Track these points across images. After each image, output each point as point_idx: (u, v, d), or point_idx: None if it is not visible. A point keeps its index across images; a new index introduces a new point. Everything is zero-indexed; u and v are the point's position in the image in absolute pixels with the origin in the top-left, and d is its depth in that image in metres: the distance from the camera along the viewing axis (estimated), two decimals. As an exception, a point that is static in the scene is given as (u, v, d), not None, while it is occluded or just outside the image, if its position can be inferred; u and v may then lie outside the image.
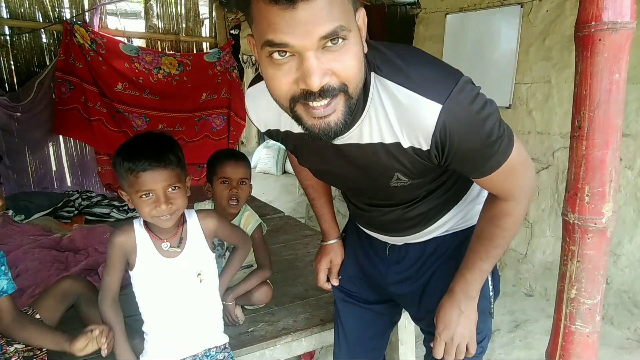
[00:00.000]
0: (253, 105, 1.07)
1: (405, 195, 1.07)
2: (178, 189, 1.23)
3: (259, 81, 1.03)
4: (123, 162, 1.18)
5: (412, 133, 0.87)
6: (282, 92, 0.78)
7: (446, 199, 1.12)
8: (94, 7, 3.68)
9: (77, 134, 3.66)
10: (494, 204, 1.03)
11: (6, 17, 3.44)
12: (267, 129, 1.10)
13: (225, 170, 1.68)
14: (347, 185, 1.14)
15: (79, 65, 3.52)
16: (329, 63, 0.73)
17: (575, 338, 0.90)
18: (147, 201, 1.19)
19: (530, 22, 2.92)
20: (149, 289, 1.29)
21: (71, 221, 3.04)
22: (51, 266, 2.14)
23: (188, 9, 4.21)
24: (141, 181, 1.17)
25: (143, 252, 1.27)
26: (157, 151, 1.20)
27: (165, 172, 1.19)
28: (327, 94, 0.75)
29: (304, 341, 1.73)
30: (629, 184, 2.56)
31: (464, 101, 0.82)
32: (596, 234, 0.85)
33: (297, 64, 0.73)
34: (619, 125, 0.81)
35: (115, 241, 1.27)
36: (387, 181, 0.99)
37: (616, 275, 2.63)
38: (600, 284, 0.88)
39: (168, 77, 3.93)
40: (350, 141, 0.93)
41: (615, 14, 0.76)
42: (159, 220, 1.22)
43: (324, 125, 0.78)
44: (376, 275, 1.32)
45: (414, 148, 0.89)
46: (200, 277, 1.32)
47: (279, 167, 6.65)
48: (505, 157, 0.90)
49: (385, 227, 1.20)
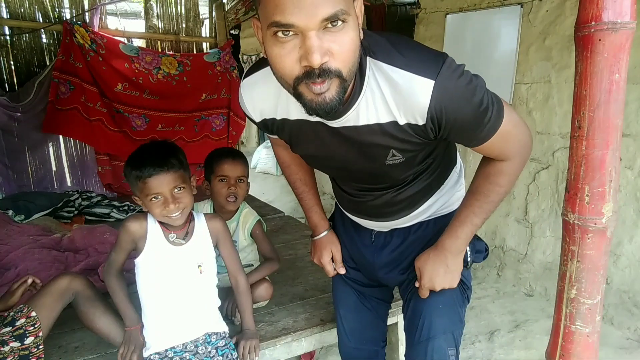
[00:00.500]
0: (249, 95, 1.10)
1: (398, 175, 1.13)
2: (183, 189, 1.35)
3: (255, 71, 1.08)
4: (132, 170, 1.32)
5: (408, 110, 0.94)
6: (286, 70, 0.83)
7: (430, 183, 1.20)
8: (94, 7, 3.68)
9: (77, 133, 3.66)
10: (491, 163, 1.09)
11: (6, 17, 3.44)
12: (263, 119, 1.13)
13: (223, 169, 1.69)
14: (343, 169, 1.17)
15: (79, 65, 3.52)
16: (328, 44, 0.79)
17: (575, 338, 0.91)
18: (156, 203, 1.32)
19: (530, 22, 2.92)
20: (153, 274, 1.40)
21: (71, 221, 3.04)
22: (51, 266, 2.14)
23: (188, 9, 4.21)
24: (149, 186, 1.30)
25: (152, 238, 1.39)
26: (160, 157, 1.32)
27: (170, 175, 1.31)
28: (325, 75, 0.81)
29: (304, 341, 1.73)
30: (629, 184, 2.56)
31: (453, 76, 0.90)
32: (596, 234, 0.85)
33: (300, 42, 0.79)
34: (619, 125, 0.81)
35: (127, 225, 1.39)
36: (383, 160, 1.05)
37: (616, 275, 2.63)
38: (600, 284, 0.88)
39: (168, 77, 3.92)
40: (347, 124, 0.99)
41: (615, 14, 0.76)
42: (170, 219, 1.35)
43: (320, 99, 0.84)
44: (364, 262, 1.39)
45: (410, 124, 0.96)
46: (201, 269, 1.43)
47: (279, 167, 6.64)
48: (498, 123, 0.97)
49: (374, 212, 1.26)
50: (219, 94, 4.20)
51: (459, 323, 1.25)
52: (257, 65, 1.08)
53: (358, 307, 1.46)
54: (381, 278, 1.38)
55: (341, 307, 1.49)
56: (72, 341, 1.63)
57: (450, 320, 1.23)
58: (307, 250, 2.54)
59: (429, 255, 1.20)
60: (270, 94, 1.05)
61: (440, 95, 0.89)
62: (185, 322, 1.43)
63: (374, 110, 0.96)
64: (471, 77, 0.93)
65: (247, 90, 1.10)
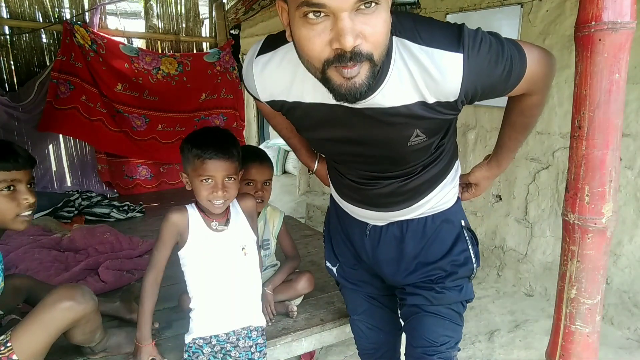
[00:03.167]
0: (259, 73, 1.05)
1: (415, 159, 1.13)
2: (234, 180, 1.39)
3: (267, 51, 1.03)
4: (192, 148, 1.34)
5: (439, 88, 0.92)
6: (315, 52, 0.80)
7: (436, 174, 1.21)
8: (94, 7, 3.68)
9: (78, 132, 3.66)
10: (522, 99, 1.08)
11: (6, 17, 3.44)
12: (271, 100, 1.09)
13: (250, 172, 1.68)
14: (359, 153, 1.13)
15: (79, 65, 3.52)
16: (360, 26, 0.77)
17: (575, 338, 0.91)
18: (206, 186, 1.35)
19: (530, 22, 2.92)
20: (199, 262, 1.42)
21: (71, 221, 3.05)
22: (51, 266, 2.14)
23: (188, 9, 4.21)
24: (206, 167, 1.33)
25: (195, 228, 1.42)
26: (223, 143, 1.36)
27: (227, 163, 1.35)
28: (356, 58, 0.78)
29: (304, 341, 1.73)
30: (629, 184, 2.56)
31: (476, 44, 0.89)
32: (596, 234, 0.85)
33: (331, 24, 0.77)
34: (619, 125, 0.81)
35: (171, 218, 1.40)
36: (405, 141, 1.03)
37: (616, 275, 2.63)
38: (600, 284, 0.88)
39: (167, 77, 3.92)
40: (372, 105, 0.96)
41: (615, 14, 0.76)
42: (212, 206, 1.37)
43: (350, 84, 0.82)
44: (364, 256, 1.39)
45: (440, 102, 0.95)
46: (245, 251, 1.46)
47: (279, 167, 6.65)
48: (523, 71, 0.96)
49: (377, 201, 1.24)
50: (219, 94, 4.19)
51: (460, 330, 1.30)
52: (270, 44, 1.04)
53: (371, 310, 1.48)
54: (387, 277, 1.37)
55: (354, 314, 1.52)
56: (72, 341, 1.63)
57: (454, 331, 1.28)
58: (307, 250, 2.54)
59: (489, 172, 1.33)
60: (286, 76, 1.02)
61: (471, 68, 0.88)
62: (232, 308, 1.45)
63: (402, 91, 0.94)
64: (490, 39, 0.91)
65: (258, 69, 1.05)
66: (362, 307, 1.49)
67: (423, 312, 1.27)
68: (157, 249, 1.42)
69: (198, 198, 1.39)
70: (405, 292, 1.33)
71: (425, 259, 1.28)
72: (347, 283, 1.48)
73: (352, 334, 1.60)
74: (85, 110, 3.60)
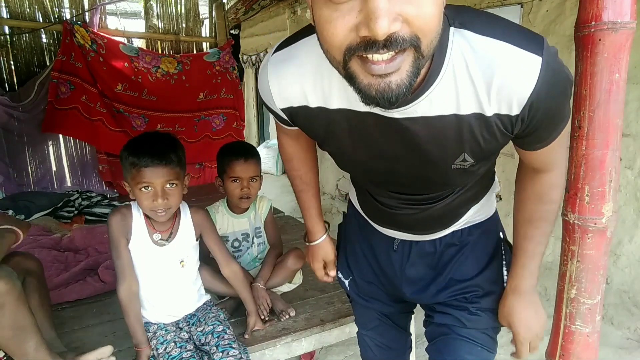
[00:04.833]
0: (275, 75, 0.84)
1: (457, 183, 0.94)
2: (175, 186, 1.35)
3: (288, 45, 0.84)
4: (128, 156, 1.32)
5: (503, 95, 0.72)
6: (337, 38, 0.60)
7: (476, 192, 1.04)
8: (94, 7, 3.68)
9: (78, 133, 3.67)
10: (537, 180, 0.92)
11: (6, 17, 3.45)
12: (289, 107, 0.87)
13: (235, 170, 1.71)
14: (390, 172, 0.91)
15: (80, 65, 3.53)
16: (400, 5, 0.56)
17: (575, 338, 0.90)
18: (146, 194, 1.32)
19: (530, 22, 2.92)
20: (138, 268, 1.44)
21: (71, 221, 3.05)
22: (51, 266, 2.14)
23: (188, 9, 4.21)
24: (142, 174, 1.30)
25: (137, 237, 1.41)
26: (160, 150, 1.32)
27: (165, 169, 1.32)
28: (394, 46, 0.57)
29: (304, 341, 1.73)
30: (629, 184, 2.56)
31: (556, 57, 0.71)
32: (596, 234, 0.85)
33: (360, 3, 0.56)
34: (619, 125, 0.81)
35: (112, 220, 1.39)
36: (450, 163, 0.83)
37: (616, 275, 2.63)
38: (600, 284, 0.88)
39: (167, 75, 3.93)
40: (415, 114, 0.75)
41: (615, 14, 0.76)
42: (155, 215, 1.36)
43: (383, 85, 0.61)
44: (387, 273, 1.19)
45: (499, 115, 0.74)
46: (183, 264, 1.49)
47: (279, 167, 6.65)
48: (565, 122, 0.80)
49: (410, 226, 1.07)
50: (219, 94, 4.20)
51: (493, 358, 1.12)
52: (290, 38, 0.85)
53: (381, 328, 1.32)
54: (408, 295, 1.17)
55: (363, 329, 1.36)
56: (72, 341, 1.63)
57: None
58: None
59: (511, 305, 1.02)
60: (308, 74, 0.81)
61: (547, 78, 0.70)
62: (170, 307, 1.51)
63: (454, 98, 0.73)
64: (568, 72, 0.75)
65: (274, 69, 0.84)
66: (373, 323, 1.32)
67: (454, 334, 1.09)
68: (116, 256, 1.38)
69: (141, 207, 1.38)
70: (435, 310, 1.15)
71: (460, 274, 1.09)
72: (359, 299, 1.29)
73: (352, 334, 1.59)
74: (85, 110, 3.60)
